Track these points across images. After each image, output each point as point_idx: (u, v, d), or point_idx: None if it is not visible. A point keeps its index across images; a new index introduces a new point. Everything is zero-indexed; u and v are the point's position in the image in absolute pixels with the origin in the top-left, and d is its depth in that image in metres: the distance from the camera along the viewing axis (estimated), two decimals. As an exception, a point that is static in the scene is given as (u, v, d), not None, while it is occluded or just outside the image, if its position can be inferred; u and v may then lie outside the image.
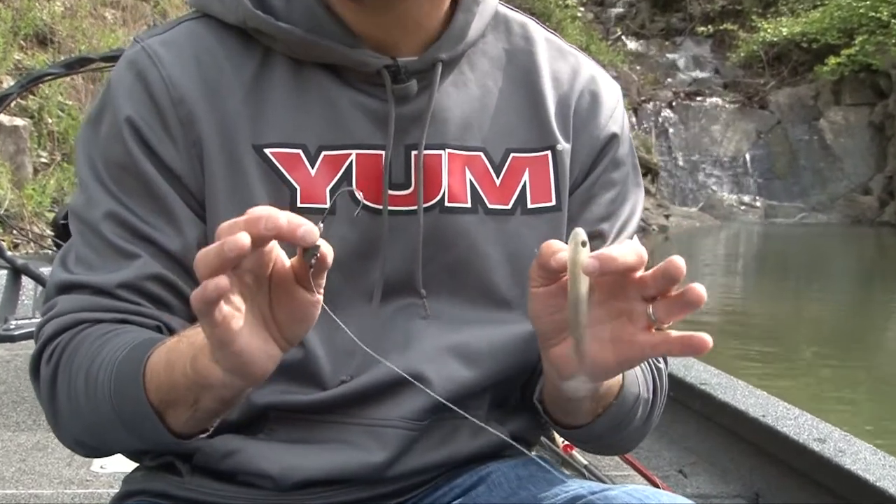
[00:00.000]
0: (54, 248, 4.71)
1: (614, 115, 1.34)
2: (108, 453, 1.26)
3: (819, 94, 19.42)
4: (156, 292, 1.20)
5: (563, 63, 1.34)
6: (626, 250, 0.98)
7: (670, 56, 21.38)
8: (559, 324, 1.04)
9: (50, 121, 7.18)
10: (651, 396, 1.26)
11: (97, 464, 2.87)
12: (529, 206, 1.28)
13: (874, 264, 15.35)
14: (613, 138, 1.33)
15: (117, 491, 1.32)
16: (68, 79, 6.87)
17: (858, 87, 18.95)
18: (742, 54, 20.58)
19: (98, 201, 1.21)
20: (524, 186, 1.28)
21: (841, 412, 5.94)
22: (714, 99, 20.03)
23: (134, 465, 1.32)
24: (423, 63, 1.23)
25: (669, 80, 20.93)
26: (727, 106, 19.77)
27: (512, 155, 1.28)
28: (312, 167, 1.22)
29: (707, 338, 0.97)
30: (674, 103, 19.87)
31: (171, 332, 1.20)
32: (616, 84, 1.38)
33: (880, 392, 7.04)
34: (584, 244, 0.97)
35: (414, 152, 1.23)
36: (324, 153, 1.22)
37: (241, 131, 1.21)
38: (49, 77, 3.70)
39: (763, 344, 8.55)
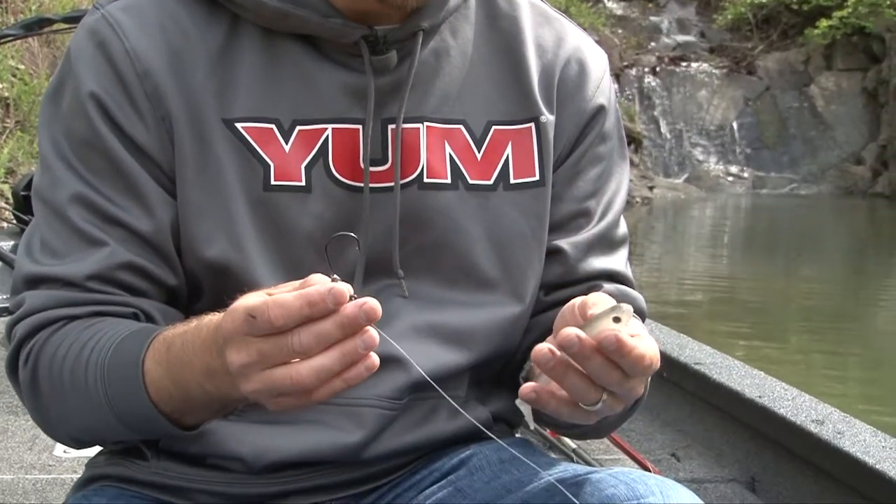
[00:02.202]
0: (13, 222, 4.66)
1: (601, 85, 1.34)
2: (103, 444, 1.29)
3: (810, 59, 19.44)
4: (128, 280, 1.20)
5: (547, 29, 1.34)
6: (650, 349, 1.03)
7: (654, 19, 21.31)
8: None
9: (0, 86, 7.10)
10: (645, 391, 1.27)
11: (60, 448, 2.85)
12: (512, 181, 1.28)
13: (867, 237, 15.46)
14: (601, 110, 1.33)
15: (80, 476, 1.33)
16: (20, 41, 6.78)
17: (851, 51, 18.97)
18: (729, 17, 20.54)
19: (63, 182, 1.21)
20: (507, 160, 1.28)
21: (832, 389, 6.00)
22: (699, 64, 20.00)
23: (97, 448, 1.34)
24: (403, 32, 1.23)
25: (653, 44, 20.89)
26: (714, 71, 19.77)
27: (494, 127, 1.28)
28: (286, 142, 1.22)
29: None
30: (657, 69, 19.84)
31: (148, 317, 1.21)
32: (602, 53, 1.38)
33: (872, 369, 7.12)
34: (616, 320, 1.01)
35: (391, 126, 1.24)
36: (298, 128, 1.22)
37: (209, 105, 1.20)
38: (6, 39, 3.64)
39: (751, 321, 8.62)
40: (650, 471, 2.56)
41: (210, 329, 1.04)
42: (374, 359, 0.97)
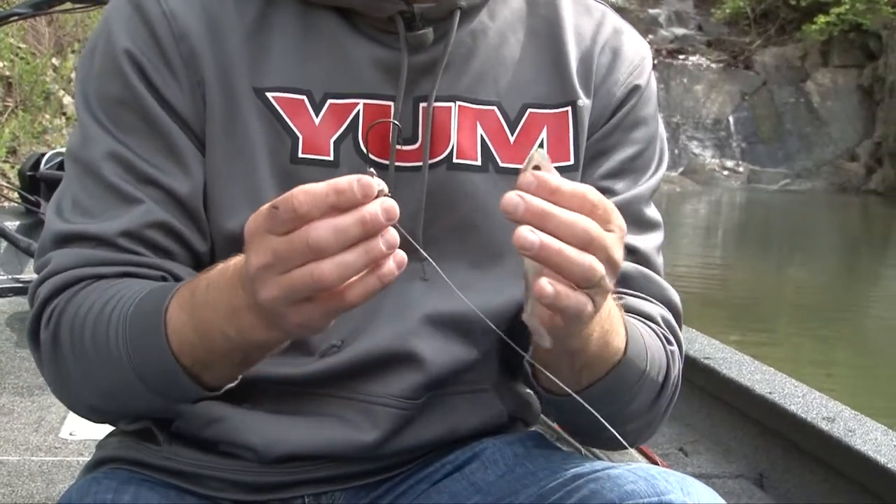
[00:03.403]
0: (20, 202, 4.66)
1: (636, 70, 1.33)
2: (121, 417, 1.26)
3: (807, 55, 19.44)
4: (159, 241, 1.18)
5: (587, 18, 1.33)
6: (576, 188, 0.95)
7: (651, 11, 21.27)
8: None
9: (1, 64, 7.06)
10: (662, 380, 1.23)
11: (66, 430, 2.85)
12: None
13: (860, 234, 15.50)
14: (633, 92, 1.32)
15: (87, 459, 1.33)
16: (23, 20, 6.73)
17: (848, 47, 18.99)
18: (727, 11, 20.52)
19: (97, 140, 1.19)
20: (541, 145, 1.27)
21: (821, 385, 6.01)
22: (697, 57, 20.01)
23: (106, 431, 1.33)
24: (440, 10, 1.22)
25: (651, 36, 20.83)
26: (711, 65, 19.78)
27: (529, 111, 1.27)
28: (317, 115, 1.20)
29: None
30: (655, 61, 19.43)
31: (176, 280, 1.19)
32: (643, 41, 1.37)
33: (862, 367, 7.15)
34: (537, 168, 0.95)
35: (422, 105, 1.23)
36: (330, 101, 1.21)
37: (241, 73, 1.19)
38: (15, 17, 3.64)
39: (742, 317, 8.63)
40: (658, 465, 2.57)
41: (238, 266, 1.01)
42: (402, 255, 0.93)
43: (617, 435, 1.03)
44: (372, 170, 0.93)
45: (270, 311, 0.95)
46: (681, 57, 20.00)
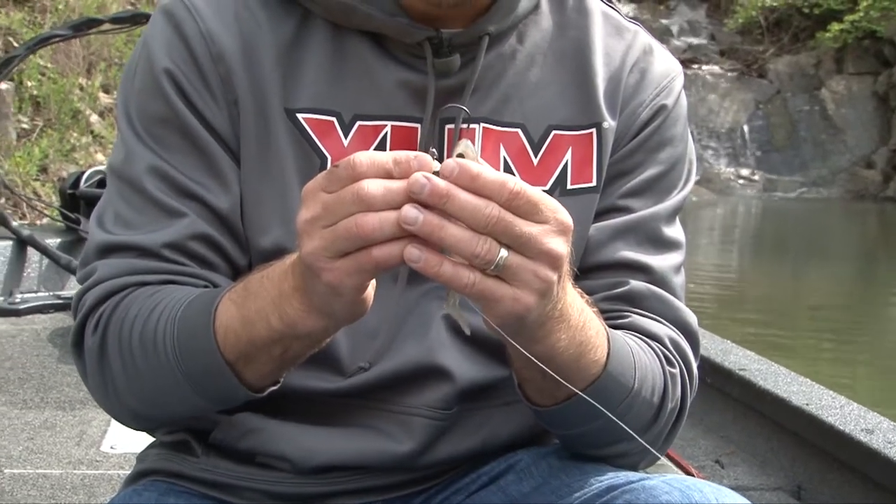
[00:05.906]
0: (60, 219, 4.73)
1: (663, 91, 1.32)
2: (163, 423, 1.28)
3: (821, 63, 19.41)
4: (201, 252, 1.20)
5: (617, 39, 1.33)
6: (496, 175, 0.94)
7: (664, 21, 21.25)
8: None
9: (30, 84, 7.10)
10: (658, 401, 1.21)
11: (107, 444, 2.90)
12: (569, 186, 1.28)
13: (877, 242, 15.42)
14: (659, 113, 1.31)
15: (127, 472, 1.35)
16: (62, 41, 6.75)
17: (862, 55, 18.95)
18: (740, 20, 20.50)
19: (138, 155, 1.21)
20: (565, 166, 1.28)
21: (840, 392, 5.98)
22: (710, 66, 19.99)
23: (145, 444, 1.35)
24: (468, 36, 1.23)
25: (663, 46, 20.87)
26: (725, 74, 19.76)
27: (554, 132, 1.27)
28: (346, 137, 1.22)
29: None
30: (671, 72, 19.75)
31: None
32: (673, 61, 1.36)
33: (882, 377, 7.11)
34: (461, 157, 0.95)
35: (448, 126, 1.24)
36: (359, 123, 1.22)
37: (273, 93, 1.21)
38: (55, 39, 3.75)
39: (760, 325, 8.59)
40: (694, 477, 2.56)
41: (293, 256, 1.03)
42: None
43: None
44: (433, 150, 0.95)
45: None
46: (694, 66, 19.95)
